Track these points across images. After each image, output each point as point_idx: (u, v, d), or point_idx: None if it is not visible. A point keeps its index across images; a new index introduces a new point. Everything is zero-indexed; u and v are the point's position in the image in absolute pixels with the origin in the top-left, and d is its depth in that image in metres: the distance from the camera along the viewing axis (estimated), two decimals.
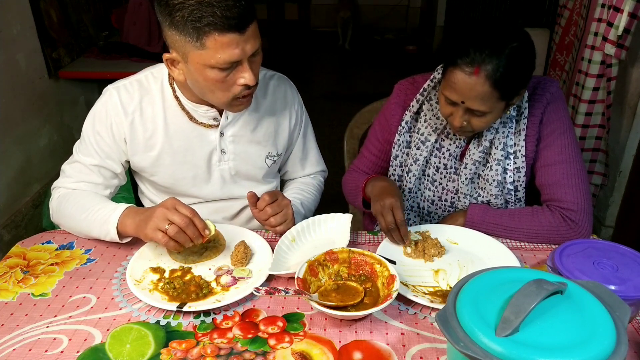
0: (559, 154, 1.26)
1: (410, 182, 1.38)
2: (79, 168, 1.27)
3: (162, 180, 1.32)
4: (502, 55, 1.08)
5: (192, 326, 0.99)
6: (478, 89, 1.11)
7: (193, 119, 1.26)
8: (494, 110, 1.15)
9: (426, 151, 1.34)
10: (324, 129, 3.68)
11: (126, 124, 1.24)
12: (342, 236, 1.21)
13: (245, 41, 1.06)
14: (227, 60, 1.06)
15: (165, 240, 1.06)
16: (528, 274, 0.83)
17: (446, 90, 1.17)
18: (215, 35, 1.03)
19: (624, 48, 2.08)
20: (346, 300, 1.01)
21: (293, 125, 1.40)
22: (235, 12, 1.02)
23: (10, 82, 2.41)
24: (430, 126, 1.33)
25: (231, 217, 1.41)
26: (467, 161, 1.31)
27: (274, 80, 1.37)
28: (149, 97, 1.25)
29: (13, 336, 0.96)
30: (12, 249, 1.22)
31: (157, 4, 1.06)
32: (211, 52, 1.05)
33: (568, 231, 1.22)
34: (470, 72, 1.10)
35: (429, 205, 1.41)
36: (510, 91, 1.14)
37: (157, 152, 1.27)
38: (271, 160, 1.37)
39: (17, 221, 2.48)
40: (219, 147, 1.29)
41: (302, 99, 1.44)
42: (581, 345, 0.69)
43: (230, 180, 1.35)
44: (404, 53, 5.93)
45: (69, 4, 2.97)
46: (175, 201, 1.08)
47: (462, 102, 1.14)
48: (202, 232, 1.08)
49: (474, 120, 1.18)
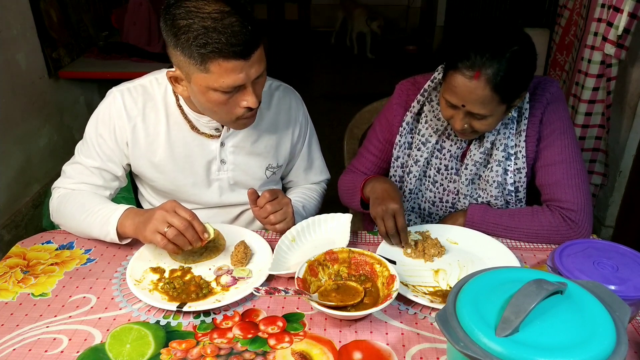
0: (559, 154, 1.26)
1: (411, 183, 1.38)
2: (80, 169, 1.27)
3: (162, 186, 1.32)
4: (502, 59, 1.08)
5: (192, 326, 0.99)
6: (478, 93, 1.10)
7: (195, 128, 1.26)
8: (494, 113, 1.15)
9: (427, 152, 1.34)
10: (324, 129, 3.69)
11: (129, 128, 1.24)
12: (342, 236, 1.21)
13: (249, 67, 1.05)
14: (231, 85, 1.05)
15: (164, 243, 1.06)
16: (528, 274, 0.83)
17: (446, 94, 1.16)
18: (220, 60, 1.02)
19: (623, 48, 2.08)
20: (346, 300, 1.01)
21: (296, 138, 1.39)
22: (241, 39, 1.01)
23: (10, 82, 2.41)
24: (431, 127, 1.33)
25: (230, 221, 1.42)
26: (468, 162, 1.31)
27: (279, 92, 1.35)
28: (152, 103, 1.25)
29: (13, 336, 0.96)
30: (12, 249, 1.22)
31: (164, 22, 1.05)
32: (215, 77, 1.04)
33: (568, 231, 1.22)
34: (470, 76, 1.10)
35: (429, 207, 1.41)
36: (511, 95, 1.14)
37: (158, 158, 1.27)
38: (271, 172, 1.37)
39: (17, 221, 2.48)
40: (218, 157, 1.29)
41: (305, 104, 1.42)
42: (581, 345, 0.69)
43: (228, 189, 1.35)
44: (404, 53, 5.93)
45: (69, 4, 2.97)
46: (175, 204, 1.08)
47: (462, 106, 1.14)
48: (201, 235, 1.08)
49: (475, 123, 1.17)
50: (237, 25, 1.01)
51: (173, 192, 1.33)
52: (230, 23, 1.00)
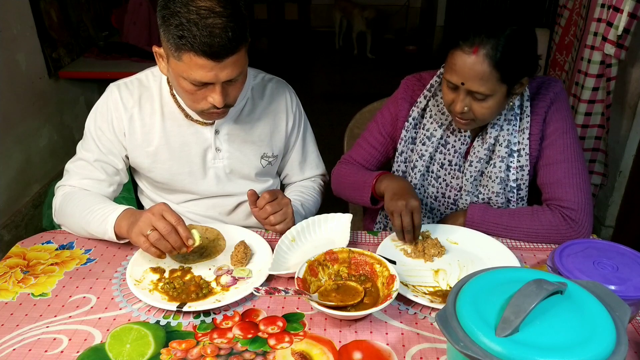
0: (560, 153, 1.26)
1: (415, 177, 1.38)
2: (82, 165, 1.29)
3: (159, 177, 1.33)
4: (501, 36, 1.10)
5: (192, 326, 0.99)
6: (477, 68, 1.11)
7: (189, 117, 1.28)
8: (494, 94, 1.15)
9: (432, 147, 1.34)
10: (323, 129, 3.68)
11: (125, 119, 1.27)
12: (342, 236, 1.21)
13: (220, 68, 1.06)
14: (198, 80, 1.08)
15: (147, 246, 1.05)
16: (528, 274, 0.83)
17: (447, 74, 1.18)
18: (192, 55, 1.04)
19: (623, 48, 2.08)
20: (346, 300, 1.01)
21: (290, 128, 1.40)
22: (216, 42, 1.02)
23: (10, 82, 2.41)
24: (435, 122, 1.33)
25: (228, 212, 1.42)
26: (471, 159, 1.32)
27: (272, 83, 1.38)
28: (148, 94, 1.28)
29: (13, 336, 0.96)
30: (12, 249, 1.22)
31: (159, 3, 1.08)
32: (185, 67, 1.07)
33: (568, 230, 1.22)
34: (469, 52, 1.11)
35: (432, 202, 1.41)
36: (511, 74, 1.14)
37: (154, 147, 1.29)
38: (266, 161, 1.38)
39: (17, 221, 2.48)
40: (214, 145, 1.31)
41: (301, 100, 1.44)
42: (581, 345, 0.69)
43: (225, 177, 1.36)
44: (404, 53, 5.93)
45: (69, 4, 2.97)
46: (163, 207, 1.07)
47: (462, 84, 1.15)
48: (186, 241, 1.06)
49: (475, 105, 1.17)
50: (219, 27, 1.02)
51: (170, 182, 1.34)
52: (213, 24, 1.02)
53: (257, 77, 1.37)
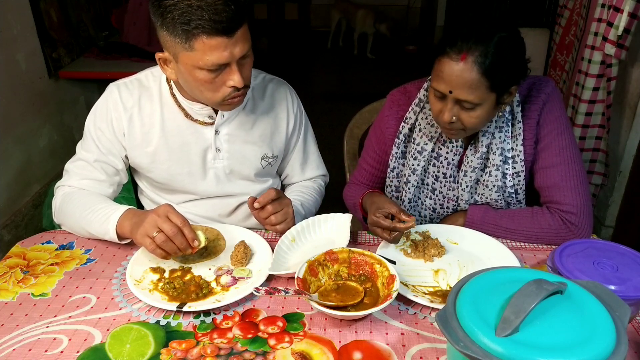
0: (556, 156, 1.24)
1: (409, 192, 1.36)
2: (82, 165, 1.29)
3: (158, 177, 1.33)
4: (490, 43, 1.07)
5: (192, 326, 0.99)
6: (465, 75, 1.08)
7: (189, 116, 1.28)
8: (483, 102, 1.12)
9: (424, 161, 1.32)
10: (324, 129, 3.68)
11: (125, 119, 1.27)
12: (342, 236, 1.21)
13: (233, 44, 1.07)
14: (215, 63, 1.07)
15: (152, 248, 1.06)
16: (528, 274, 0.83)
17: (434, 82, 1.14)
18: (204, 38, 1.04)
19: (624, 48, 2.08)
20: (346, 300, 1.01)
21: (291, 129, 1.40)
22: (224, 17, 1.03)
23: (10, 82, 2.41)
24: (425, 135, 1.31)
25: (228, 213, 1.42)
26: (465, 169, 1.29)
27: (273, 84, 1.38)
28: (148, 94, 1.28)
29: (13, 336, 0.96)
30: (12, 249, 1.22)
31: (151, 4, 1.08)
32: (199, 54, 1.06)
33: (568, 233, 1.22)
34: (457, 59, 1.08)
35: (430, 213, 1.40)
36: (499, 82, 1.11)
37: (153, 147, 1.29)
38: (266, 162, 1.38)
39: (17, 221, 2.48)
40: (214, 145, 1.30)
41: (301, 100, 1.44)
42: (581, 345, 0.69)
43: (224, 178, 1.36)
44: (404, 53, 5.93)
45: (69, 4, 2.97)
46: (168, 208, 1.07)
47: (450, 92, 1.11)
48: (191, 242, 1.07)
49: (463, 115, 1.14)
50: (221, 3, 1.03)
51: (170, 182, 1.34)
52: (214, 2, 1.03)
53: (258, 77, 1.37)
